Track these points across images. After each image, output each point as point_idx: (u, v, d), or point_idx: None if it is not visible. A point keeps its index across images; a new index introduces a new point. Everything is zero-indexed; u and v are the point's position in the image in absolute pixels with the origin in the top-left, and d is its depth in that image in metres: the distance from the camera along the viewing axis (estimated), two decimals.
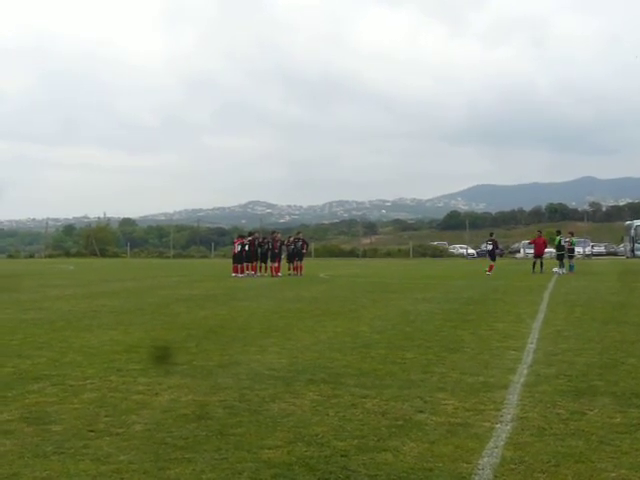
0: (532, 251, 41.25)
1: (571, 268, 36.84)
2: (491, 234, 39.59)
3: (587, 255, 74.27)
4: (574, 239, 39.60)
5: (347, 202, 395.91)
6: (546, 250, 39.16)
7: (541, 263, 37.15)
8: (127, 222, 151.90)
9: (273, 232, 38.37)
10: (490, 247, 37.44)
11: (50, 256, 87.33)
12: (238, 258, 34.64)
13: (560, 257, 37.08)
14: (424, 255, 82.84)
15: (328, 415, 6.76)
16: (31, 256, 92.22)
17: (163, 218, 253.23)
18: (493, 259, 36.72)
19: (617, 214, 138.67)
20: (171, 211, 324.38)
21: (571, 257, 37.83)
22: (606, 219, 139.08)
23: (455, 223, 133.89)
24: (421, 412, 6.84)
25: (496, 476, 5.05)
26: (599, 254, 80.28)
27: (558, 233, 38.95)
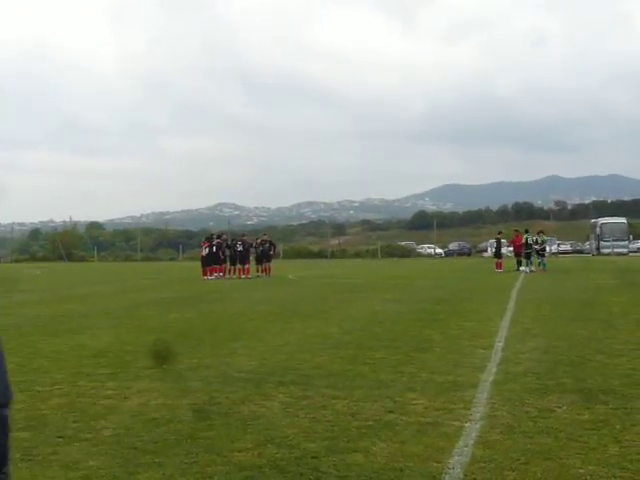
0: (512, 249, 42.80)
1: (544, 266, 37.16)
2: (499, 232, 42.08)
3: (554, 253, 75.11)
4: (545, 237, 40.19)
5: (315, 203, 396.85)
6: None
7: (519, 261, 38.26)
8: (94, 226, 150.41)
9: (242, 235, 38.68)
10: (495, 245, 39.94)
11: (16, 261, 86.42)
12: (206, 261, 34.60)
13: (528, 255, 37.44)
14: (392, 255, 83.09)
15: (298, 417, 6.75)
16: None
17: (130, 221, 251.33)
18: (498, 257, 39.05)
19: (582, 212, 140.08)
20: (138, 214, 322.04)
21: (542, 255, 38.19)
22: (572, 217, 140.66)
23: (423, 223, 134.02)
24: (391, 412, 6.85)
25: (466, 475, 5.08)
26: (565, 252, 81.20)
27: (526, 232, 39.28)
